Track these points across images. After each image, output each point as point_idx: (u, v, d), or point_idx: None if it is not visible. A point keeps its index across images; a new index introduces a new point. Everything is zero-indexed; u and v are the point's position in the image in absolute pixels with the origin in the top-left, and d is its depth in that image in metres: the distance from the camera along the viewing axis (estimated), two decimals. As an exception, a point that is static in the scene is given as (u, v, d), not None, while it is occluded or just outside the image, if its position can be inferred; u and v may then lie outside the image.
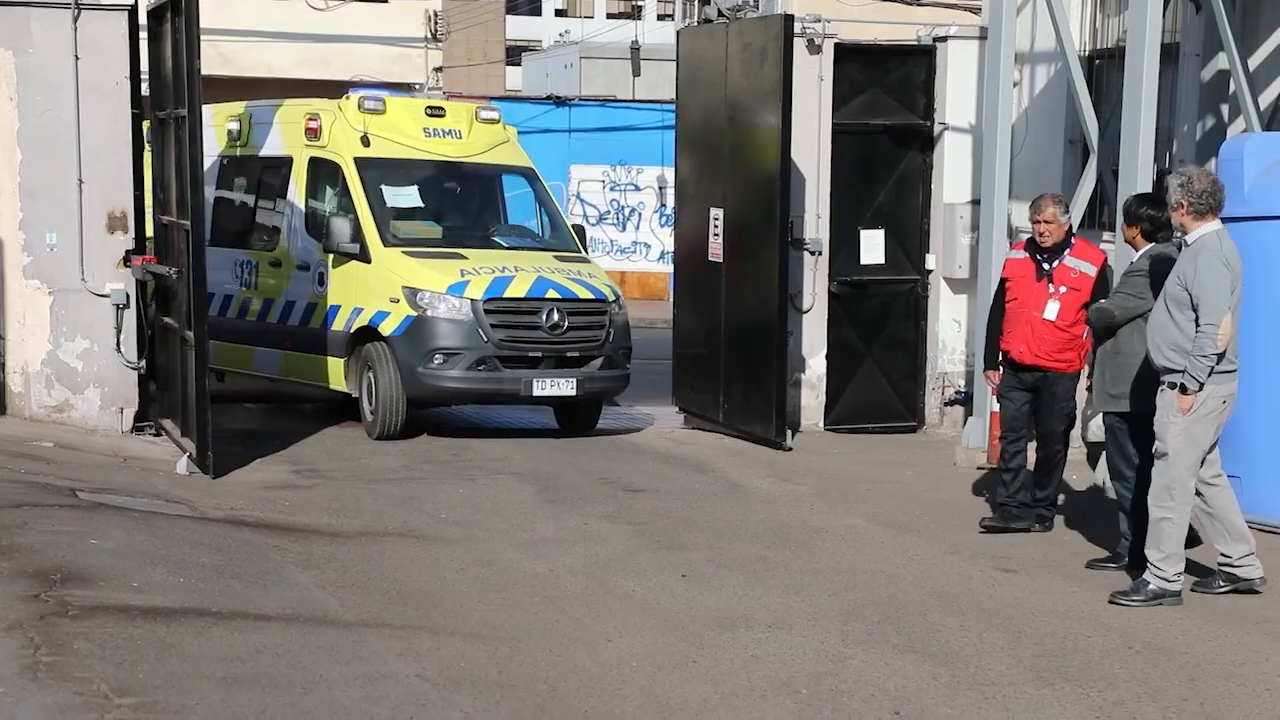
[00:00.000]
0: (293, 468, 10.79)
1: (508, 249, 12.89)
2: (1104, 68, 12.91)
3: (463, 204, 13.72)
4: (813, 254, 13.00)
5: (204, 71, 10.13)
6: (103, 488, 9.32)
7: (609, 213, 25.92)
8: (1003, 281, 9.44)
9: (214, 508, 9.16)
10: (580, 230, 13.65)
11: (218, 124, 13.85)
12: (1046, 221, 9.06)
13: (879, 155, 13.20)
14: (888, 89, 13.20)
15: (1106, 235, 11.54)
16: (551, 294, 12.08)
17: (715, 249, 12.83)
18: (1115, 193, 11.11)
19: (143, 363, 11.29)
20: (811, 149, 12.83)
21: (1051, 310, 9.08)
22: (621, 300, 12.74)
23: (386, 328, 11.92)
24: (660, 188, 26.44)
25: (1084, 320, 8.96)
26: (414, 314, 11.82)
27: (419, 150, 12.96)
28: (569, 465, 11.24)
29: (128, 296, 11.11)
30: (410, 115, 13.07)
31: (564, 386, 12.06)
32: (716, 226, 12.79)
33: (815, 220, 13.02)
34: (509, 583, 7.80)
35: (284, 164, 13.23)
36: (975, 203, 12.66)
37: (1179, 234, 7.75)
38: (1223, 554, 7.87)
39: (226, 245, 13.43)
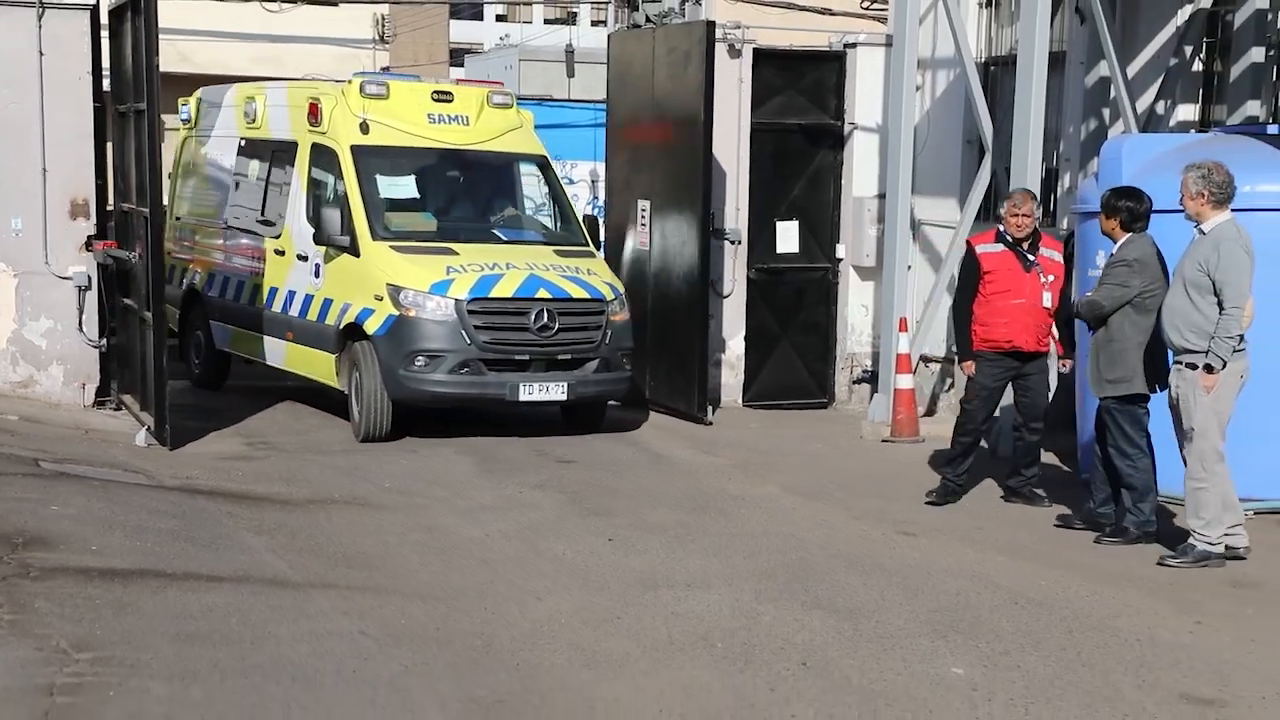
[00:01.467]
0: (246, 440, 10.69)
1: (505, 243, 11.66)
2: (998, 73, 13.04)
3: (464, 195, 12.37)
4: (732, 243, 13.04)
5: (162, 68, 10.02)
6: (64, 458, 9.19)
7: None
8: (981, 274, 9.12)
9: (170, 477, 9.06)
10: (592, 221, 12.39)
11: (236, 104, 13.04)
12: (1025, 215, 9.06)
13: (794, 152, 13.26)
14: (802, 91, 13.25)
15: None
16: (542, 293, 10.85)
17: (642, 238, 12.83)
18: (1008, 188, 11.22)
19: (104, 341, 11.14)
20: (732, 146, 12.85)
21: (1048, 299, 9.09)
22: (623, 298, 11.42)
23: (370, 326, 10.77)
24: (593, 181, 26.27)
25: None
26: (396, 314, 10.64)
27: (420, 138, 11.66)
28: (506, 439, 11.19)
29: (89, 279, 10.95)
30: (415, 100, 11.76)
31: (554, 391, 10.83)
32: (644, 217, 12.79)
33: (735, 212, 13.06)
34: (447, 546, 7.79)
35: (290, 149, 12.04)
36: (881, 196, 12.75)
37: (1194, 223, 7.69)
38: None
39: (240, 229, 12.65)
